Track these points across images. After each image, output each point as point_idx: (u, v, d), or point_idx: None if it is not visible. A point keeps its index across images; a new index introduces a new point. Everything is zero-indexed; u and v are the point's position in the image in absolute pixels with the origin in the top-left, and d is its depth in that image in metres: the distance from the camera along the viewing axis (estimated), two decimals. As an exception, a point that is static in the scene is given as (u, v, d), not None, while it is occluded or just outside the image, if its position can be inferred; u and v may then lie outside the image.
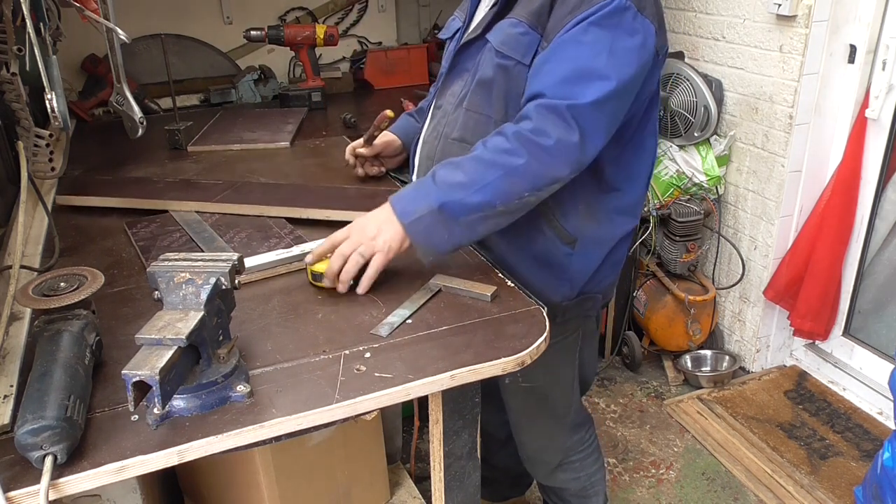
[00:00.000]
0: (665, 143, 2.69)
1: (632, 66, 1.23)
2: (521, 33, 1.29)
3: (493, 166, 1.21)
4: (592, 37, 1.21)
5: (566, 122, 1.19)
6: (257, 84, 2.75)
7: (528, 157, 1.20)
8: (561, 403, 1.65)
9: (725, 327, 2.91)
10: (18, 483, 0.83)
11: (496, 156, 1.21)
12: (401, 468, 1.98)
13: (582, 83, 1.20)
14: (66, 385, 0.89)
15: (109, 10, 1.51)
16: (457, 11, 1.57)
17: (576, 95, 1.20)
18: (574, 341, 1.58)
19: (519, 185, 1.21)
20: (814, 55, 2.33)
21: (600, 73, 1.20)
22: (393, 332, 1.13)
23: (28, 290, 1.02)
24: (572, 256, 1.42)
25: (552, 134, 1.19)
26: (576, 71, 1.21)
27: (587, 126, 1.20)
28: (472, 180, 1.20)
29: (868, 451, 2.34)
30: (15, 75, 1.55)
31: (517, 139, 1.21)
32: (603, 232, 1.43)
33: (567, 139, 1.19)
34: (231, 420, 0.93)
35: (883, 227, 2.50)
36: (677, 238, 2.68)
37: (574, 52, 1.22)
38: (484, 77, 1.35)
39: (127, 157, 2.02)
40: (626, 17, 1.21)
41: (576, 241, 1.41)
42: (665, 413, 2.64)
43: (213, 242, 1.43)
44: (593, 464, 1.77)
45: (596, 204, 1.40)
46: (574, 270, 1.44)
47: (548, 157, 1.20)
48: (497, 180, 1.20)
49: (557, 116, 1.19)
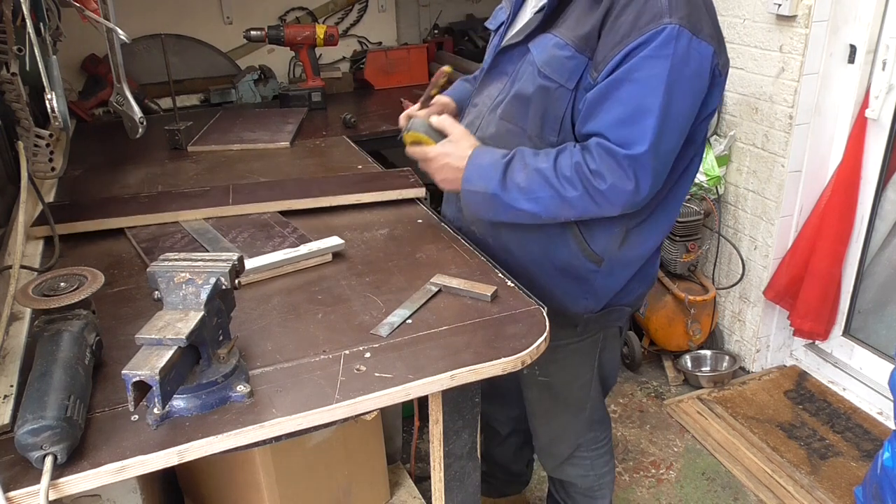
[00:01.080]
0: (665, 143, 2.69)
1: (686, 96, 1.21)
2: (567, 57, 1.27)
3: (550, 187, 1.26)
4: (646, 73, 1.18)
5: (623, 170, 1.21)
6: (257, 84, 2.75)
7: (582, 191, 1.24)
8: (576, 399, 1.63)
9: (725, 327, 2.91)
10: (18, 483, 0.83)
11: (556, 179, 1.25)
12: (401, 468, 1.98)
13: (638, 124, 1.20)
14: (66, 385, 0.89)
15: (109, 10, 1.51)
16: (504, 1, 1.53)
17: (633, 142, 1.20)
18: (593, 344, 1.55)
19: (567, 210, 1.28)
20: (814, 55, 2.33)
21: (654, 112, 1.19)
22: (393, 332, 1.13)
23: (28, 290, 1.02)
24: (597, 273, 1.41)
25: (608, 179, 1.22)
26: (631, 111, 1.20)
27: (642, 174, 1.22)
28: (529, 189, 1.27)
29: (868, 451, 2.34)
30: (15, 75, 1.55)
31: (577, 172, 1.24)
32: (633, 254, 1.41)
33: (622, 186, 1.22)
34: (231, 420, 0.93)
35: (883, 227, 2.50)
36: (677, 238, 2.68)
37: (628, 91, 1.20)
38: (523, 92, 1.34)
39: (127, 157, 2.02)
40: (681, 44, 1.18)
41: (602, 261, 1.40)
42: (665, 413, 2.64)
43: (217, 243, 1.43)
44: (604, 465, 1.77)
45: (634, 230, 1.38)
46: (599, 286, 1.43)
47: (600, 198, 1.24)
48: (548, 199, 1.26)
49: (615, 163, 1.21)
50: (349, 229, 1.51)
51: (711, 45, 1.21)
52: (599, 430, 1.73)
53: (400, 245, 1.43)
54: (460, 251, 1.39)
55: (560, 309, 1.41)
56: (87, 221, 1.51)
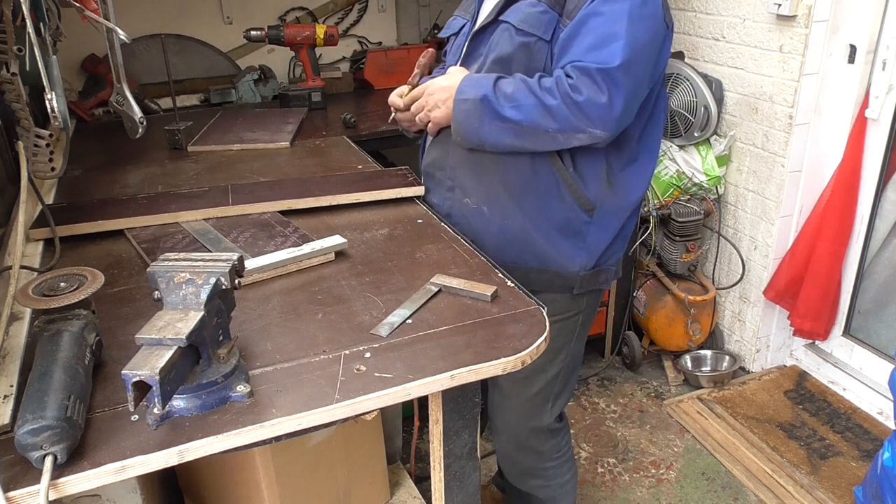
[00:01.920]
0: (665, 142, 2.69)
1: (648, 31, 1.34)
2: (541, 11, 1.40)
3: (533, 95, 1.36)
4: (610, 7, 1.32)
5: (597, 84, 1.31)
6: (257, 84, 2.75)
7: (560, 100, 1.33)
8: (542, 388, 1.64)
9: (725, 327, 2.91)
10: (18, 483, 0.83)
11: (539, 89, 1.35)
12: (401, 468, 1.98)
13: (607, 47, 1.31)
14: (66, 385, 0.88)
15: (109, 10, 1.51)
16: (457, 12, 1.64)
17: (605, 59, 1.31)
18: (574, 323, 1.61)
19: (548, 120, 1.35)
20: (814, 55, 2.33)
21: (622, 36, 1.31)
22: (393, 332, 1.13)
23: (28, 290, 1.02)
24: (590, 225, 1.49)
25: (584, 92, 1.32)
26: (601, 37, 1.32)
27: (615, 89, 1.31)
28: (514, 97, 1.37)
29: (868, 451, 2.35)
30: (15, 75, 1.55)
31: (556, 84, 1.34)
32: (619, 200, 1.50)
33: (596, 99, 1.31)
34: (231, 420, 0.93)
35: (883, 227, 2.50)
36: (677, 238, 2.68)
37: (596, 21, 1.33)
38: (502, 54, 1.45)
39: (127, 157, 2.02)
40: None
41: (594, 209, 1.48)
42: (665, 413, 2.64)
43: (219, 243, 1.43)
44: (566, 473, 1.77)
45: (617, 173, 1.47)
46: (592, 239, 1.51)
47: (576, 110, 1.33)
48: (531, 107, 1.35)
49: (590, 78, 1.31)
50: (349, 229, 1.51)
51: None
52: (559, 436, 1.74)
53: (400, 245, 1.43)
54: (460, 251, 1.39)
55: (559, 270, 1.51)
56: (87, 223, 1.51)
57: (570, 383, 1.70)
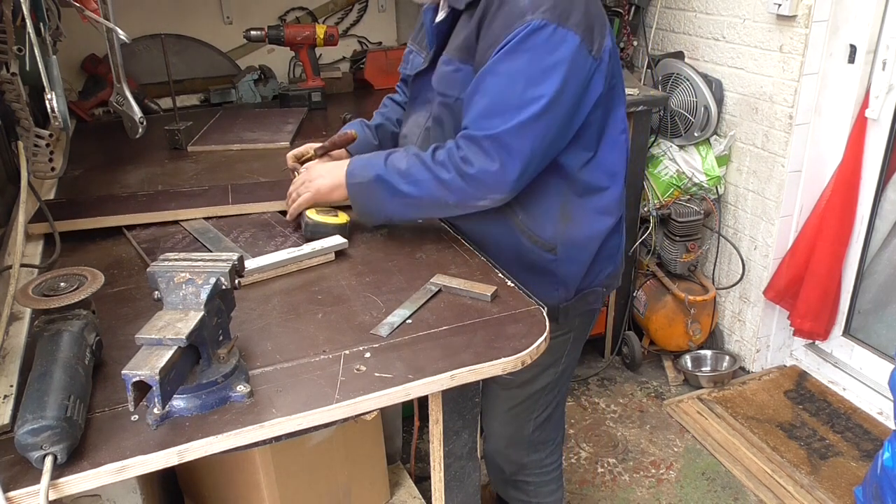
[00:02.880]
0: (665, 143, 2.69)
1: (554, 84, 1.25)
2: (454, 70, 1.37)
3: (428, 170, 1.33)
4: (507, 66, 1.25)
5: (485, 152, 1.27)
6: (257, 84, 2.75)
7: (455, 174, 1.30)
8: (525, 400, 1.62)
9: (725, 327, 2.91)
10: (18, 483, 0.83)
11: (433, 163, 1.33)
12: (401, 468, 1.98)
13: (499, 114, 1.26)
14: (66, 385, 0.88)
15: (109, 10, 1.51)
16: (412, 44, 1.59)
17: (495, 125, 1.26)
18: (564, 342, 1.57)
19: (446, 193, 1.32)
20: (814, 55, 2.33)
21: (517, 102, 1.25)
22: (393, 332, 1.13)
23: (28, 290, 1.02)
24: (557, 262, 1.44)
25: (475, 163, 1.28)
26: (493, 104, 1.27)
27: (505, 155, 1.26)
28: (409, 172, 1.34)
29: (868, 451, 2.35)
30: (15, 75, 1.55)
31: (449, 157, 1.31)
32: (583, 231, 1.44)
33: (487, 167, 1.27)
34: (231, 420, 0.93)
35: (883, 227, 2.50)
36: (677, 238, 2.68)
37: (492, 83, 1.27)
38: (436, 114, 1.45)
39: (127, 158, 2.02)
40: (542, 36, 1.23)
41: (556, 248, 1.43)
42: (665, 413, 2.64)
43: (219, 243, 1.43)
44: (549, 494, 1.75)
45: (574, 207, 1.42)
46: (563, 274, 1.46)
47: (471, 181, 1.30)
48: (427, 182, 1.32)
49: (478, 147, 1.27)
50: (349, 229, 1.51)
51: (578, 34, 1.26)
52: (544, 451, 1.71)
53: (400, 245, 1.43)
54: (460, 251, 1.39)
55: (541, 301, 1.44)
56: (85, 219, 1.51)
57: (558, 398, 1.67)
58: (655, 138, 2.69)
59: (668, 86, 2.63)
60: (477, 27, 1.32)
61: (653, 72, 2.72)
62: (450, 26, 1.41)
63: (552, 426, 1.71)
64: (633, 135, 2.54)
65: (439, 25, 1.42)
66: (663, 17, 2.83)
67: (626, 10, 2.74)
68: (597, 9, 1.32)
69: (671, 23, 2.80)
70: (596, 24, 1.30)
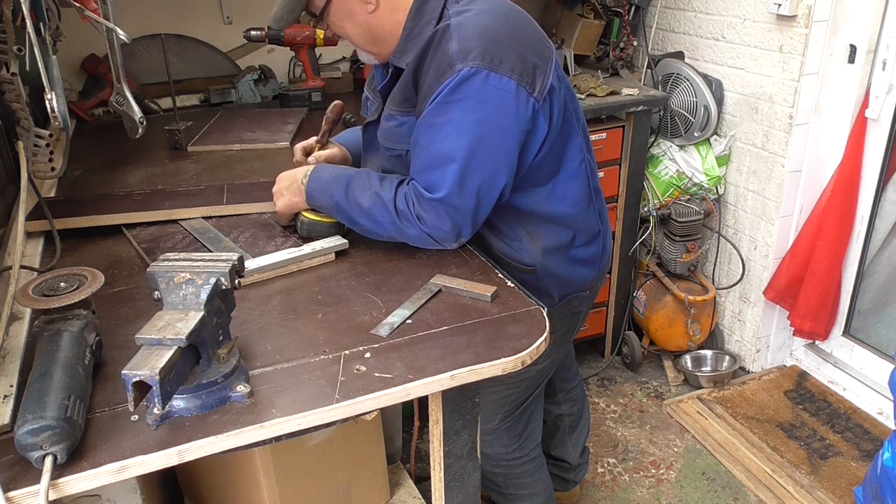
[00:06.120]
0: (665, 143, 2.69)
1: (491, 131, 1.24)
2: (397, 125, 1.37)
3: (389, 214, 1.32)
4: (440, 118, 1.25)
5: (436, 213, 1.28)
6: (257, 84, 2.75)
7: (413, 224, 1.31)
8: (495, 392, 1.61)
9: (725, 327, 2.91)
10: (18, 483, 0.83)
11: (394, 209, 1.31)
12: (401, 468, 1.98)
13: (439, 170, 1.26)
14: (66, 385, 0.89)
15: (109, 10, 1.51)
16: (367, 90, 1.58)
17: (436, 187, 1.27)
18: None
19: (405, 236, 1.34)
20: (814, 55, 2.33)
21: (452, 155, 1.25)
22: (393, 332, 1.13)
23: (28, 290, 1.02)
24: (537, 277, 1.47)
25: (428, 222, 1.30)
26: (431, 158, 1.27)
27: (455, 214, 1.29)
28: (370, 212, 1.33)
29: (868, 451, 2.34)
30: (15, 75, 1.55)
31: (408, 208, 1.30)
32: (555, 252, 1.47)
33: (441, 226, 1.30)
34: (231, 420, 0.93)
35: (883, 227, 2.50)
36: (677, 238, 2.68)
37: (426, 137, 1.27)
38: (385, 167, 1.46)
39: (127, 157, 2.02)
40: (474, 85, 1.22)
41: (535, 268, 1.46)
42: (665, 413, 2.64)
43: (219, 243, 1.43)
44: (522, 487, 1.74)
45: (542, 232, 1.45)
46: (546, 286, 1.49)
47: (427, 234, 1.31)
48: (388, 224, 1.32)
49: (429, 207, 1.28)
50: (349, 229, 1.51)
51: (512, 79, 1.24)
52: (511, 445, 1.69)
53: (400, 245, 1.43)
54: (460, 251, 1.39)
55: None
56: (84, 217, 1.51)
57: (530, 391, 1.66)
58: (655, 138, 2.69)
59: (668, 86, 2.63)
60: (412, 79, 1.32)
61: (653, 72, 2.72)
62: (394, 82, 1.40)
63: (520, 419, 1.70)
64: (634, 135, 2.54)
65: (386, 85, 1.43)
66: (663, 17, 2.83)
67: (626, 10, 2.74)
68: (535, 49, 1.30)
69: (671, 23, 2.80)
70: (534, 65, 1.28)
